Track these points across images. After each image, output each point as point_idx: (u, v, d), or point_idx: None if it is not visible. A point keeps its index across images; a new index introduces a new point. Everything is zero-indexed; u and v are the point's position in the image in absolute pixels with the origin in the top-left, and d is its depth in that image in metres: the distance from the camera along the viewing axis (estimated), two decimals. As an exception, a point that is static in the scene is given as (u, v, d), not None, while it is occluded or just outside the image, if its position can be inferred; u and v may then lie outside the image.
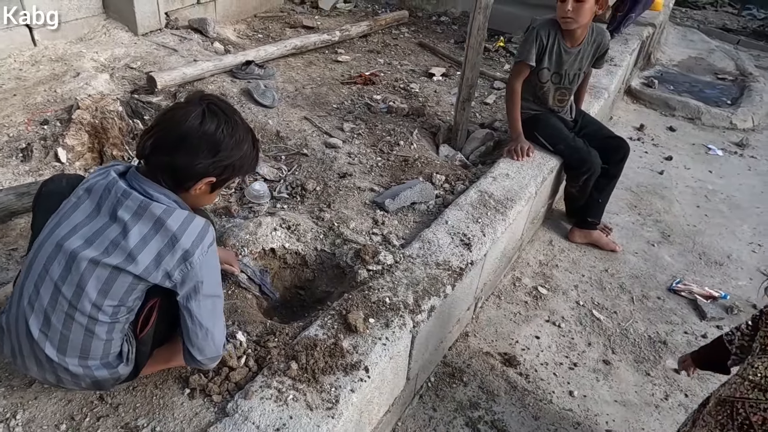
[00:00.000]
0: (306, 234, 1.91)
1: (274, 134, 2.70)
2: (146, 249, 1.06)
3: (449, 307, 1.75)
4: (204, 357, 1.17)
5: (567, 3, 2.19)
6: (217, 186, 1.18)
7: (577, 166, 2.48)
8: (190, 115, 1.08)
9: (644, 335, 2.24)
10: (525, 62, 2.35)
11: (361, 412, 1.39)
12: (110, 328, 1.12)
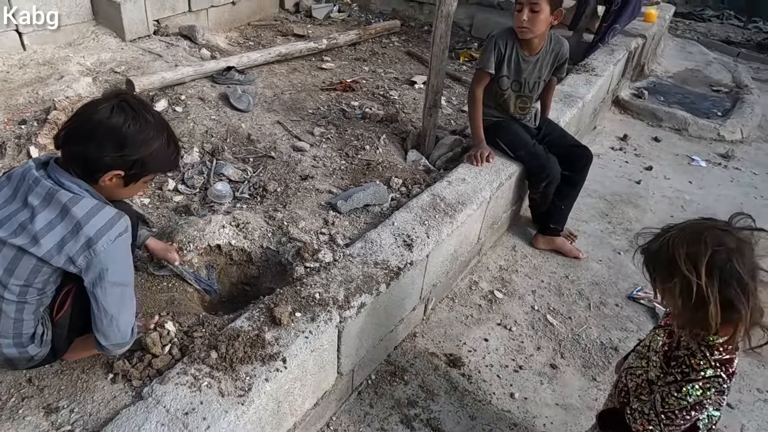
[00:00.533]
0: (254, 232, 1.97)
1: (245, 137, 2.78)
2: (50, 234, 1.13)
3: (385, 305, 1.78)
4: (109, 343, 1.23)
5: (522, 13, 2.25)
6: (130, 180, 1.24)
7: (536, 172, 2.51)
8: (101, 110, 1.15)
9: (596, 341, 2.25)
10: (484, 70, 2.40)
11: (279, 402, 1.43)
12: (19, 308, 1.19)
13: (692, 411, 1.15)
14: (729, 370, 1.12)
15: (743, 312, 1.03)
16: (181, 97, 2.99)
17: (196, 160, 2.61)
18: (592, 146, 3.88)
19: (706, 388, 1.11)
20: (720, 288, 1.03)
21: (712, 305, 1.03)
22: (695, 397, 1.12)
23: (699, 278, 1.03)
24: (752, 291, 1.05)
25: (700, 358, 1.13)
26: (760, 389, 2.12)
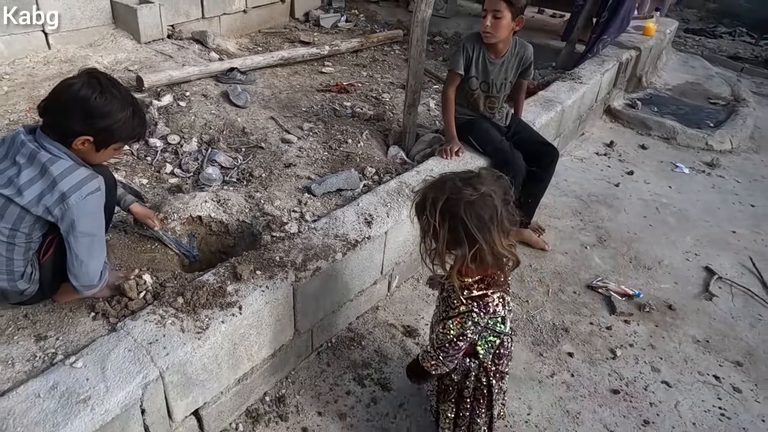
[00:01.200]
0: (233, 207, 2.21)
1: (240, 130, 3.04)
2: (32, 187, 1.38)
3: (341, 273, 1.99)
4: (79, 284, 1.47)
5: (486, 19, 2.46)
6: (100, 145, 1.47)
7: (501, 166, 2.69)
8: (73, 85, 1.40)
9: (549, 322, 2.41)
10: (454, 71, 2.62)
11: (235, 344, 1.65)
12: (9, 248, 1.43)
13: (459, 342, 1.38)
14: (481, 304, 1.33)
15: (465, 251, 1.27)
16: (185, 93, 3.28)
17: (194, 149, 2.88)
18: (577, 151, 4.07)
19: (462, 322, 1.35)
20: (449, 229, 1.27)
21: (441, 243, 1.29)
22: (456, 330, 1.36)
23: (434, 219, 1.27)
24: (482, 244, 1.26)
25: (454, 298, 1.37)
26: (701, 372, 2.25)
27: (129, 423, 1.40)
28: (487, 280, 1.36)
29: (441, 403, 1.62)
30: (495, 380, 1.52)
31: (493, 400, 1.55)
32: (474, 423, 1.58)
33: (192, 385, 1.55)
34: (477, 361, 1.49)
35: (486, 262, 1.31)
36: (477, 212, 1.26)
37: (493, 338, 1.46)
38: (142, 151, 2.82)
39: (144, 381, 1.39)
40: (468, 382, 1.52)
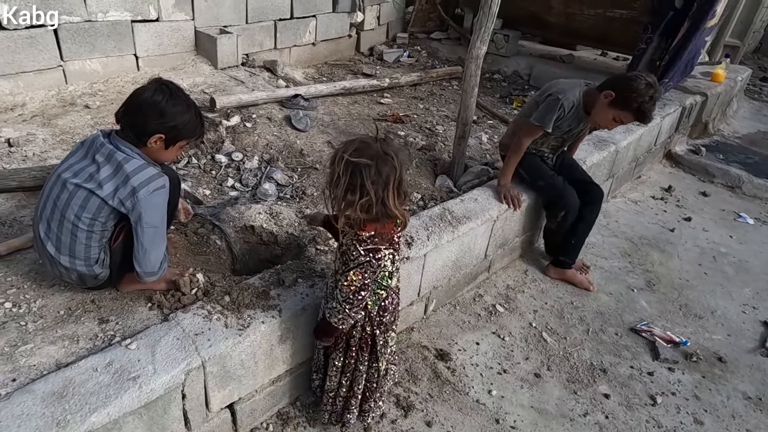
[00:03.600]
0: (283, 221, 2.36)
1: (298, 151, 3.24)
2: (109, 182, 1.57)
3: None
4: (141, 270, 1.64)
5: (616, 126, 2.49)
6: (169, 143, 1.66)
7: (553, 201, 2.69)
8: (146, 91, 1.59)
9: (586, 361, 2.37)
10: (543, 127, 2.48)
11: (272, 346, 1.75)
12: (88, 236, 1.62)
13: (362, 291, 1.52)
14: (377, 256, 1.48)
15: (356, 199, 1.41)
16: (252, 115, 3.54)
17: (254, 166, 3.09)
18: (632, 193, 3.99)
19: (362, 272, 1.49)
20: (348, 178, 1.41)
21: (340, 189, 1.43)
22: (358, 280, 1.50)
23: (339, 168, 1.42)
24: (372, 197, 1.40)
25: (353, 250, 1.50)
26: (750, 430, 2.13)
27: (170, 405, 1.52)
28: (381, 235, 1.50)
29: (330, 353, 1.75)
30: (379, 331, 1.68)
31: (377, 351, 1.70)
32: (357, 370, 1.73)
33: (229, 379, 1.66)
34: (364, 311, 1.64)
35: (375, 214, 1.45)
36: (377, 168, 1.41)
37: (381, 291, 1.62)
38: (208, 165, 3.06)
39: (187, 367, 1.51)
40: (355, 331, 1.67)
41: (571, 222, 2.74)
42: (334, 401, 1.82)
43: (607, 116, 2.40)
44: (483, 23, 2.68)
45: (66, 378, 1.43)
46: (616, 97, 2.34)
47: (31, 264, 1.99)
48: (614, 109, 2.36)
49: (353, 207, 1.44)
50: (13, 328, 1.65)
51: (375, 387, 1.79)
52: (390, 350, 1.78)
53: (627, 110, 2.33)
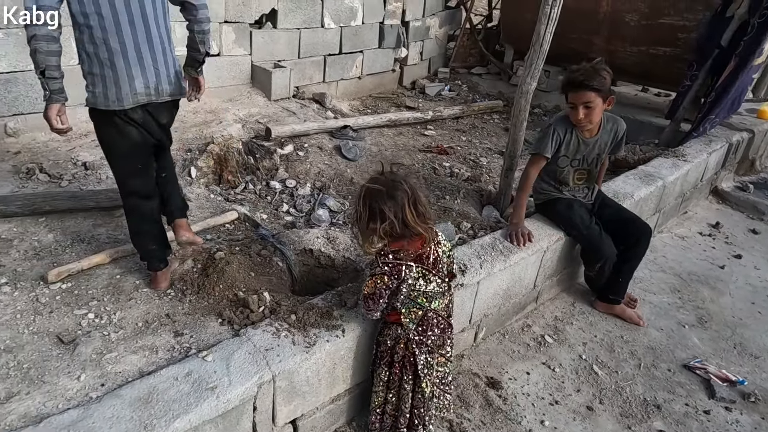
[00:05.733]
0: (340, 245, 2.45)
1: (348, 180, 3.36)
2: None
3: (434, 315, 2.12)
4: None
5: (578, 112, 2.42)
6: None
7: (589, 252, 2.66)
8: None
9: (640, 396, 2.34)
10: (541, 155, 2.55)
11: (335, 364, 1.82)
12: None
13: (372, 298, 1.71)
14: (394, 272, 1.68)
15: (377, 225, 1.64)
16: (304, 144, 3.70)
17: (307, 193, 3.22)
18: (678, 228, 3.96)
19: (376, 283, 1.70)
20: (368, 214, 1.66)
21: (362, 222, 1.68)
22: (370, 288, 1.71)
23: (359, 206, 1.69)
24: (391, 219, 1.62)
25: (374, 263, 1.73)
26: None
27: (243, 416, 1.59)
28: (406, 251, 1.70)
29: (377, 368, 1.84)
30: (419, 351, 1.75)
31: (419, 371, 1.76)
32: (402, 389, 1.80)
33: (295, 394, 1.73)
34: (403, 329, 1.75)
35: (399, 233, 1.67)
36: (389, 193, 1.64)
37: (416, 309, 1.74)
38: (263, 191, 3.21)
39: (259, 381, 1.59)
40: (398, 348, 1.78)
41: (610, 269, 2.70)
42: (382, 418, 1.86)
43: (570, 112, 2.50)
44: (534, 60, 2.78)
45: (150, 385, 1.53)
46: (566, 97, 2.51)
47: (109, 278, 2.13)
48: (568, 103, 2.49)
49: (377, 233, 1.67)
50: (97, 337, 1.77)
51: (422, 410, 1.81)
52: (437, 374, 1.81)
53: (565, 93, 2.48)
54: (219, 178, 3.25)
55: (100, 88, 1.81)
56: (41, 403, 1.48)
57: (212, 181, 3.21)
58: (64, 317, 1.89)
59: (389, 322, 1.80)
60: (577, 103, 2.42)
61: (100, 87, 1.80)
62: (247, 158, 3.40)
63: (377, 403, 1.84)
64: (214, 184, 3.20)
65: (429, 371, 1.77)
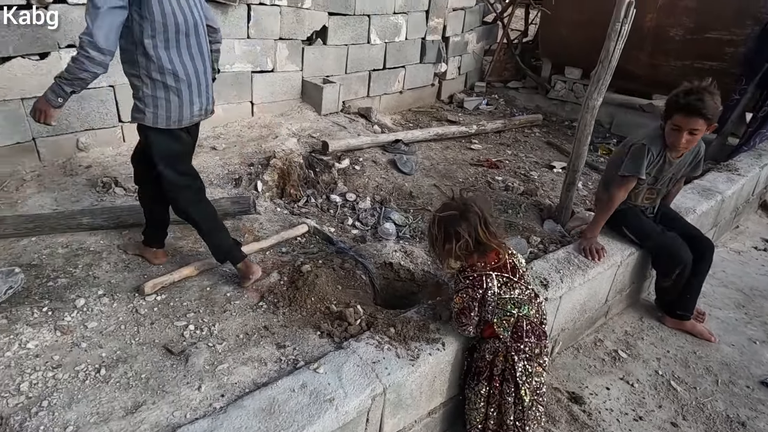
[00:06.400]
0: (417, 259, 2.48)
1: (407, 193, 3.40)
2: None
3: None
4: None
5: (682, 136, 2.36)
6: None
7: (665, 259, 2.64)
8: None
9: (722, 413, 2.32)
10: (638, 176, 2.48)
11: (435, 377, 1.83)
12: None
13: (463, 313, 1.81)
14: (476, 284, 1.80)
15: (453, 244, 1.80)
16: (359, 158, 3.75)
17: (368, 206, 3.26)
18: (732, 243, 3.93)
19: (462, 298, 1.81)
20: (444, 236, 1.82)
21: (439, 244, 1.85)
22: (459, 304, 1.82)
23: (435, 230, 1.85)
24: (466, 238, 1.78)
25: (457, 281, 1.87)
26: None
27: (357, 428, 1.62)
28: (484, 263, 1.84)
29: (475, 384, 1.86)
30: (518, 357, 1.79)
31: (517, 378, 1.79)
32: (505, 401, 1.83)
33: (400, 407, 1.75)
34: (500, 341, 1.81)
35: (472, 249, 1.81)
36: (463, 216, 1.80)
37: (507, 316, 1.81)
38: (324, 204, 3.26)
39: (372, 393, 1.62)
40: (497, 361, 1.82)
41: (688, 274, 2.69)
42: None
43: (670, 133, 2.41)
44: (601, 76, 2.81)
45: (269, 396, 1.56)
46: (664, 114, 2.46)
47: (200, 291, 2.18)
48: (669, 122, 2.41)
49: (453, 252, 1.82)
50: (204, 348, 1.81)
51: (523, 422, 1.83)
52: (534, 383, 1.83)
53: (672, 113, 2.38)
54: (281, 192, 3.31)
55: (162, 111, 1.94)
56: (169, 413, 1.52)
57: (276, 194, 3.26)
58: (166, 329, 1.93)
59: (485, 337, 1.82)
60: (684, 127, 2.34)
61: (163, 110, 1.94)
62: (308, 172, 3.46)
63: (478, 420, 1.85)
64: (277, 197, 3.26)
65: (528, 379, 1.79)
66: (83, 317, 1.95)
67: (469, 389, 1.87)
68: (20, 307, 1.96)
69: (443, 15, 5.35)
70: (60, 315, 1.94)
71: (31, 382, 1.62)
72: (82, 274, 2.21)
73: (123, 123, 3.38)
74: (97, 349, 1.80)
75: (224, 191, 3.10)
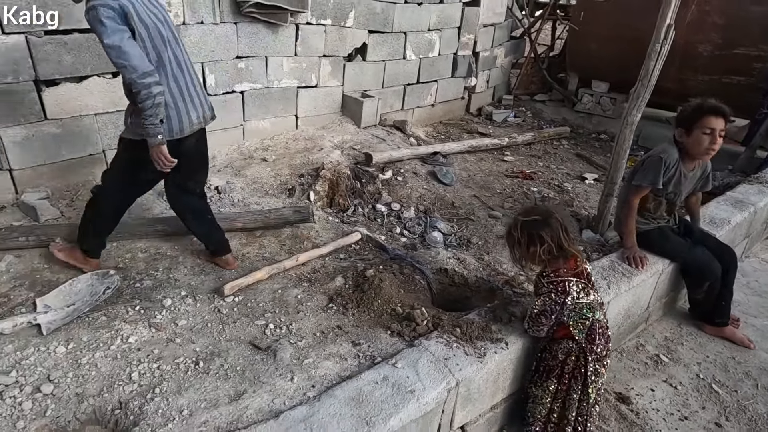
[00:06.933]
0: (470, 265, 2.64)
1: (450, 203, 3.56)
2: None
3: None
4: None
5: (716, 138, 2.48)
6: None
7: (696, 274, 2.76)
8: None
9: (764, 415, 2.43)
10: (653, 185, 2.60)
11: (498, 374, 1.98)
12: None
13: (541, 316, 1.94)
14: (559, 288, 1.93)
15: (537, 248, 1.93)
16: (401, 170, 3.93)
17: (413, 216, 3.43)
18: (764, 254, 4.03)
19: (544, 300, 1.94)
20: (528, 239, 1.95)
21: (523, 248, 1.98)
22: (539, 306, 1.95)
23: (517, 233, 1.97)
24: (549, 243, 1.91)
25: (539, 283, 2.00)
26: None
27: (434, 419, 1.77)
28: (564, 270, 1.96)
29: (543, 381, 2.00)
30: (590, 358, 1.93)
31: (588, 377, 1.93)
32: (570, 398, 1.97)
33: (469, 401, 1.90)
34: (574, 342, 1.93)
35: (553, 256, 1.94)
36: (546, 221, 1.93)
37: (583, 320, 1.93)
38: (371, 214, 3.43)
39: (447, 386, 1.77)
40: (569, 360, 1.95)
41: (719, 287, 2.79)
42: (545, 428, 2.01)
43: (701, 139, 2.51)
44: (641, 93, 2.96)
45: (356, 387, 1.72)
46: (682, 124, 2.58)
47: (272, 293, 2.35)
48: (697, 131, 2.51)
49: (537, 255, 1.96)
50: (287, 344, 1.98)
51: (585, 417, 1.98)
52: (600, 383, 1.98)
53: (699, 119, 2.50)
54: (330, 201, 3.49)
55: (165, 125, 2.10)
56: (269, 400, 1.69)
57: (325, 204, 3.45)
58: (248, 327, 2.11)
59: (557, 338, 1.96)
60: (717, 128, 2.47)
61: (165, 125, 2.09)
62: (354, 183, 3.64)
63: (542, 414, 1.99)
64: (327, 207, 3.44)
65: (595, 378, 1.94)
66: (172, 315, 2.13)
67: (537, 386, 2.01)
68: (115, 306, 2.15)
69: (474, 31, 5.54)
70: (151, 313, 2.13)
71: (139, 372, 1.81)
72: (163, 277, 2.40)
73: (182, 136, 3.60)
74: (190, 344, 1.98)
75: (279, 200, 3.29)
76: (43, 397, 1.69)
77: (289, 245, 2.80)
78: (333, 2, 4.07)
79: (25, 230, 2.52)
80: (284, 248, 2.77)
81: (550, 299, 1.92)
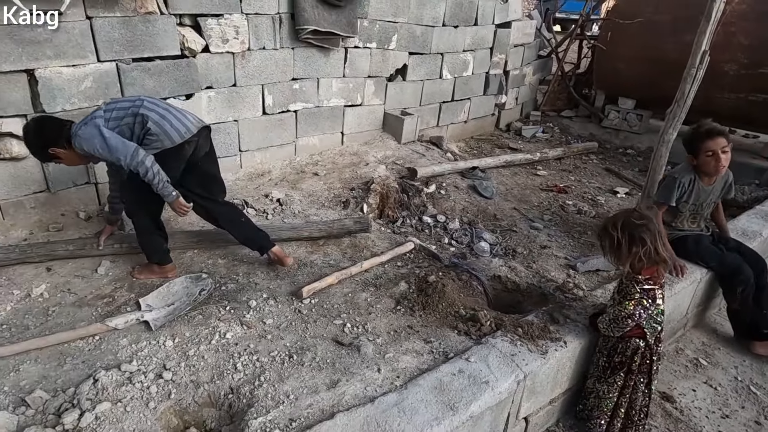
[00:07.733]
0: (520, 273, 2.85)
1: (492, 216, 3.78)
2: None
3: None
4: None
5: (720, 158, 2.73)
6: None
7: (730, 278, 2.91)
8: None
9: (803, 416, 2.59)
10: (666, 203, 2.88)
11: (557, 371, 2.19)
12: None
13: (628, 319, 2.06)
14: (649, 294, 2.04)
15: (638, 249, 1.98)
16: (443, 184, 4.17)
17: (457, 227, 3.65)
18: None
19: (635, 305, 2.04)
20: (628, 240, 2.00)
21: (624, 247, 2.01)
22: (629, 310, 2.05)
23: (617, 233, 2.02)
24: (649, 245, 1.97)
25: (631, 288, 2.07)
26: None
27: (505, 408, 1.98)
28: (654, 278, 2.05)
29: (612, 376, 2.17)
30: (656, 358, 2.15)
31: (651, 373, 2.17)
32: (636, 390, 2.18)
33: (533, 393, 2.11)
34: (644, 342, 2.12)
35: (651, 259, 2.00)
36: (646, 226, 2.00)
37: (656, 325, 2.12)
38: (417, 225, 3.67)
39: (516, 379, 1.98)
40: (636, 357, 2.13)
41: (752, 292, 2.96)
42: (611, 421, 2.20)
43: (708, 161, 2.79)
44: (677, 114, 3.17)
45: (436, 378, 1.94)
46: (689, 151, 2.86)
47: (343, 296, 2.59)
48: (701, 155, 2.79)
49: (638, 255, 2.02)
50: (366, 341, 2.21)
51: (645, 410, 2.20)
52: (656, 380, 2.20)
53: (699, 145, 2.79)
54: (380, 213, 3.74)
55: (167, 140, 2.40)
56: (362, 388, 1.91)
57: (376, 216, 3.69)
58: (328, 326, 2.34)
59: (627, 337, 2.14)
60: (718, 149, 2.73)
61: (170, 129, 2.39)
62: (402, 196, 3.88)
63: (609, 408, 2.19)
64: (377, 218, 3.68)
65: (656, 375, 2.19)
66: (259, 315, 2.38)
67: (604, 381, 2.19)
68: (207, 306, 2.41)
69: (505, 51, 5.79)
70: (240, 313, 2.37)
71: (242, 363, 2.05)
72: (244, 281, 2.66)
73: (242, 152, 3.88)
74: (279, 340, 2.22)
75: (335, 212, 3.55)
76: (165, 382, 1.94)
77: (351, 253, 3.04)
78: (378, 27, 4.36)
79: (118, 238, 2.80)
80: (346, 256, 3.02)
81: (641, 305, 2.04)
